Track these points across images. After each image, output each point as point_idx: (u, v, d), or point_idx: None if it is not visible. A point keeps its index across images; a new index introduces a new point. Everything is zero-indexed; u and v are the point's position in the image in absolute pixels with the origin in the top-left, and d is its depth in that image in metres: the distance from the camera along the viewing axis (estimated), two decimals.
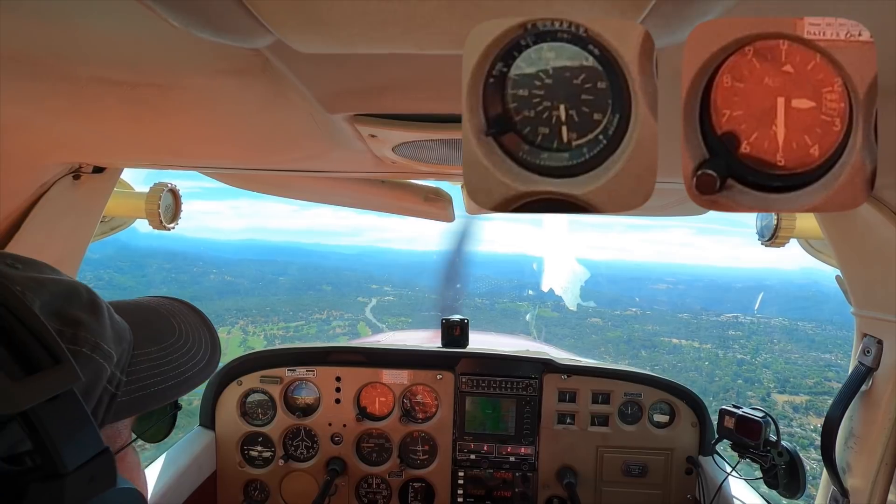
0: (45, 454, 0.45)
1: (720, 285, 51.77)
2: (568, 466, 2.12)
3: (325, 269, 57.65)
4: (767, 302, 39.37)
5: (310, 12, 0.49)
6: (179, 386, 0.68)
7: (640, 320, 40.28)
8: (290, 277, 52.18)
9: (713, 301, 43.42)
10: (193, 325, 0.75)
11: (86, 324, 0.56)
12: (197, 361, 0.71)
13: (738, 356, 31.09)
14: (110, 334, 0.59)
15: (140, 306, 0.73)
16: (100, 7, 0.54)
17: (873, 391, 1.25)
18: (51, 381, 0.46)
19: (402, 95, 0.84)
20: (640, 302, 45.09)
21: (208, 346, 0.74)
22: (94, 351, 0.55)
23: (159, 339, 0.68)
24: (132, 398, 0.61)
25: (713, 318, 37.75)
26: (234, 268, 51.65)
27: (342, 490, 2.17)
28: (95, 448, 0.49)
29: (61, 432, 0.46)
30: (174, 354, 0.68)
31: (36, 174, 1.18)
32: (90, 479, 0.48)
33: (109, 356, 0.57)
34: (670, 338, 35.44)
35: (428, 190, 1.90)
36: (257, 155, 1.25)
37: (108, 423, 0.59)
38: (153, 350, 0.66)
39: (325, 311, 42.83)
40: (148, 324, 0.69)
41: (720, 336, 34.52)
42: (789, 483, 1.56)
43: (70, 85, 0.75)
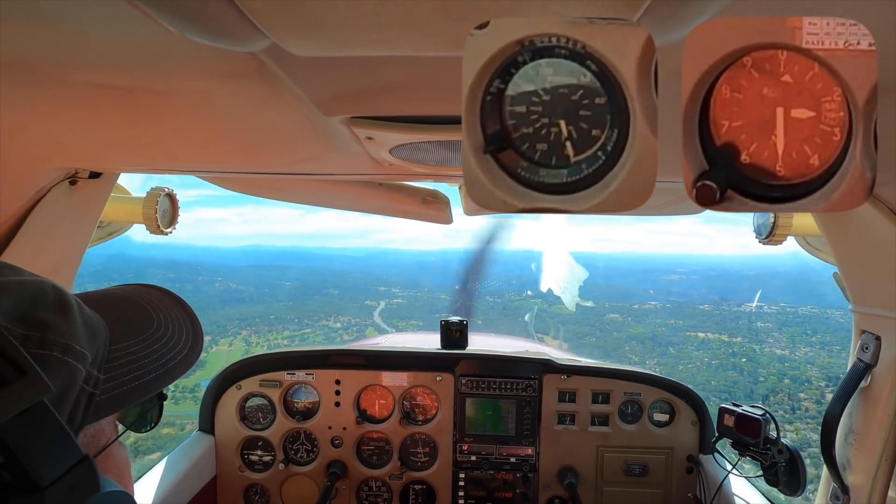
0: (20, 470, 0.44)
1: (732, 274, 50.26)
2: (568, 467, 2.12)
3: (331, 272, 56.43)
4: (785, 290, 38.16)
5: (305, 15, 0.49)
6: (161, 378, 0.66)
7: (660, 314, 38.54)
8: (295, 283, 51.10)
9: (730, 291, 41.91)
10: (172, 312, 0.72)
11: (54, 325, 0.53)
12: (178, 351, 0.69)
13: (776, 351, 27.91)
14: (82, 333, 0.56)
15: (113, 297, 0.70)
16: (95, 12, 0.53)
17: (872, 387, 1.26)
18: (17, 395, 0.44)
19: (398, 97, 0.84)
20: (655, 294, 43.91)
21: (189, 334, 0.72)
22: (66, 353, 0.53)
23: (137, 331, 0.65)
24: (112, 395, 0.59)
25: (735, 309, 35.91)
26: (239, 275, 50.76)
27: (343, 493, 2.16)
28: (73, 457, 0.47)
29: (35, 446, 0.44)
30: (154, 346, 0.66)
31: (32, 179, 1.17)
32: (70, 489, 0.47)
33: (83, 356, 0.55)
34: (696, 332, 33.30)
35: (426, 192, 1.90)
36: (254, 158, 1.25)
37: (88, 423, 0.57)
38: (131, 343, 0.63)
39: (332, 317, 41.38)
40: (124, 316, 0.66)
41: (749, 328, 32.35)
42: (790, 480, 1.57)
43: (66, 90, 0.75)
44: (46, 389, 0.46)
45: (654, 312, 39.12)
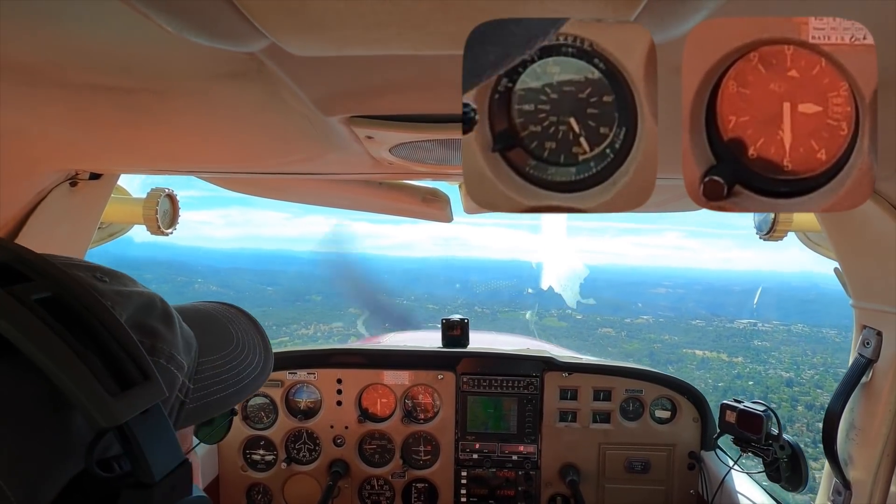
0: (137, 464, 0.48)
1: (718, 288, 50.24)
2: (570, 464, 2.12)
3: (316, 278, 55.51)
4: (772, 305, 37.82)
5: (304, 15, 0.49)
6: (238, 393, 0.70)
7: (653, 329, 38.09)
8: (277, 288, 49.90)
9: (718, 306, 41.68)
10: (248, 331, 0.77)
11: (162, 335, 0.58)
12: (253, 368, 0.73)
13: (782, 374, 26.20)
14: (181, 344, 0.61)
15: (200, 312, 0.74)
16: (94, 13, 0.53)
17: (873, 383, 1.26)
18: (143, 396, 0.49)
19: (398, 96, 0.84)
20: (644, 308, 43.47)
21: (262, 353, 0.76)
22: (170, 362, 0.58)
23: (220, 347, 0.70)
24: (197, 406, 0.63)
25: (728, 325, 35.29)
26: (221, 277, 49.65)
27: (345, 492, 2.17)
28: (177, 459, 0.51)
29: (151, 444, 0.49)
30: (233, 362, 0.70)
31: (32, 182, 1.17)
32: (172, 488, 0.50)
33: (182, 366, 0.60)
34: (693, 349, 32.64)
35: (426, 191, 1.90)
36: (254, 158, 1.25)
37: (177, 429, 0.61)
38: (215, 358, 0.68)
39: (313, 326, 39.52)
40: (209, 331, 0.70)
41: (746, 346, 31.49)
42: (791, 476, 1.57)
43: (65, 91, 0.75)
44: (163, 393, 0.51)
45: (647, 327, 38.65)
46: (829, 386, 23.05)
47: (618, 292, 51.35)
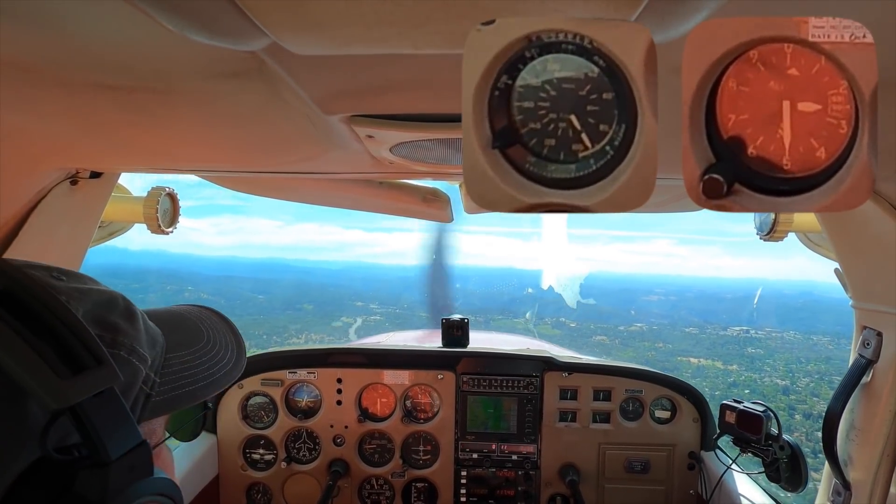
0: (91, 445, 0.50)
1: (710, 296, 50.07)
2: (570, 464, 2.12)
3: (308, 285, 54.77)
4: (767, 313, 37.72)
5: (305, 14, 0.49)
6: (208, 387, 0.72)
7: (647, 337, 37.90)
8: (268, 296, 49.69)
9: (710, 313, 41.59)
10: (220, 330, 0.81)
11: (123, 329, 0.61)
12: (224, 364, 0.76)
13: (778, 382, 26.36)
14: (145, 339, 0.64)
15: (171, 312, 0.78)
16: (95, 12, 0.53)
17: (874, 383, 1.26)
18: (95, 379, 0.51)
19: (399, 95, 0.84)
20: (637, 315, 43.45)
21: (234, 350, 0.80)
22: (131, 354, 0.61)
23: (189, 344, 0.73)
24: (165, 398, 0.65)
25: (721, 333, 35.28)
26: (211, 285, 49.25)
27: (345, 491, 2.17)
28: (134, 440, 0.54)
29: (105, 425, 0.51)
30: (203, 357, 0.73)
31: (33, 180, 1.17)
32: (130, 468, 0.53)
33: (144, 359, 0.62)
34: (688, 357, 32.38)
35: (426, 190, 1.90)
36: (254, 157, 1.25)
37: (144, 420, 0.63)
38: (184, 353, 0.71)
39: (304, 335, 39.19)
40: (178, 329, 0.74)
41: (739, 353, 31.36)
42: (791, 476, 1.57)
43: (66, 90, 0.75)
44: (117, 377, 0.54)
45: (641, 335, 38.47)
46: (825, 394, 23.21)
47: (611, 299, 51.21)
